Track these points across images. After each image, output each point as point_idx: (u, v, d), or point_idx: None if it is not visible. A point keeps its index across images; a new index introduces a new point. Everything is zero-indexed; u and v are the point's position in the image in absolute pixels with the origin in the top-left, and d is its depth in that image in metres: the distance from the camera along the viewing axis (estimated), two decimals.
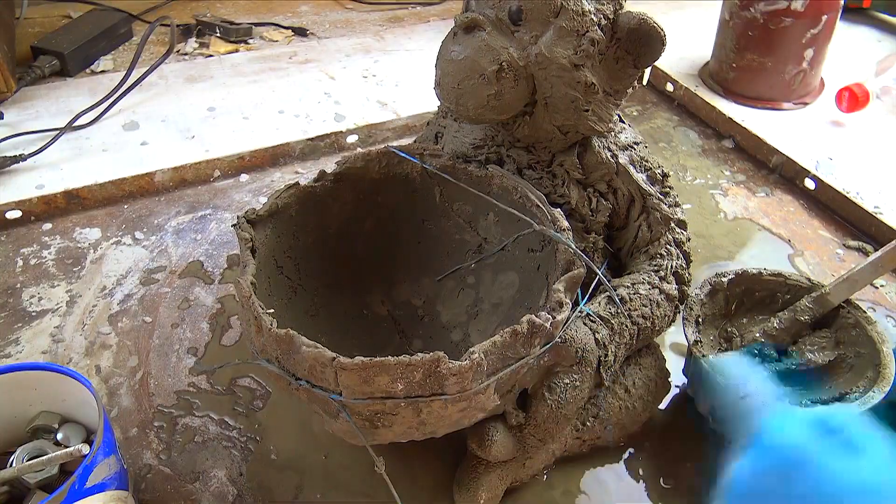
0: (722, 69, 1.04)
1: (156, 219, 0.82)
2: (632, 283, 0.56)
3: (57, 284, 0.73)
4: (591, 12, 0.51)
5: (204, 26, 1.18)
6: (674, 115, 1.05)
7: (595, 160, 0.58)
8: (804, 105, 1.02)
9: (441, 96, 0.55)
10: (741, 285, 0.63)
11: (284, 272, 0.57)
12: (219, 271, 0.76)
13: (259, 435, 0.60)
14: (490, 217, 0.60)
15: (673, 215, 0.59)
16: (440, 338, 0.60)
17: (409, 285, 0.63)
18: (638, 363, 0.59)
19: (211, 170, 0.89)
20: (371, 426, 0.45)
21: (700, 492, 0.57)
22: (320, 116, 0.98)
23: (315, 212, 0.59)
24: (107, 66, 1.09)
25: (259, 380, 0.64)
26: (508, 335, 0.45)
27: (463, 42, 0.53)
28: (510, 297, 0.58)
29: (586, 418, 0.56)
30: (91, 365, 0.65)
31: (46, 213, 0.82)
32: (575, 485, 0.57)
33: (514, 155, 0.59)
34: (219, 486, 0.56)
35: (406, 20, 1.27)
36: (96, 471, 0.45)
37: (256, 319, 0.46)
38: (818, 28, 0.95)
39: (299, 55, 1.14)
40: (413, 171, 0.61)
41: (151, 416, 0.61)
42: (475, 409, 0.46)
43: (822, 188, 0.87)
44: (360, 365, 0.42)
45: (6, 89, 0.96)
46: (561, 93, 0.53)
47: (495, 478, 0.54)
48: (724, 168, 0.94)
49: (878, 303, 0.74)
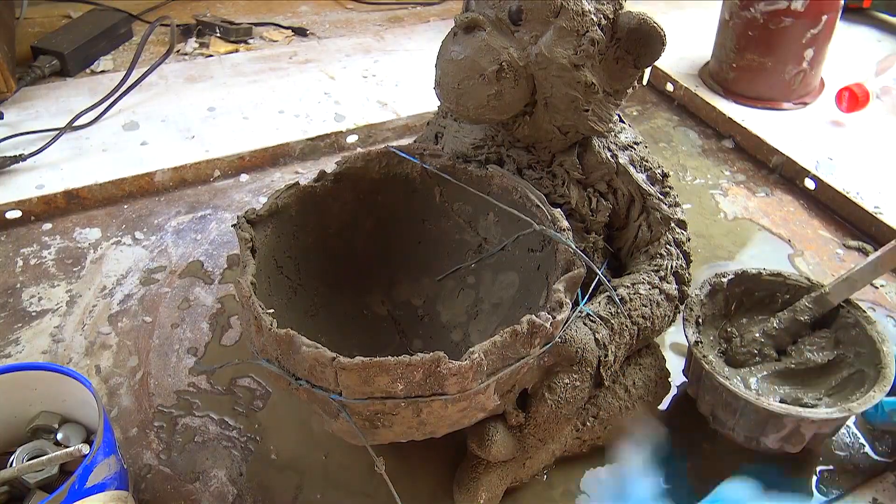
0: (722, 69, 1.04)
1: (156, 219, 0.82)
2: (632, 283, 0.56)
3: (57, 284, 0.73)
4: (591, 12, 0.51)
5: (204, 26, 1.18)
6: (674, 115, 1.05)
7: (595, 160, 0.58)
8: (804, 105, 1.02)
9: (441, 96, 0.55)
10: (741, 285, 0.63)
11: (284, 272, 0.57)
12: (219, 271, 0.76)
13: (259, 435, 0.60)
14: (490, 217, 0.60)
15: (673, 215, 0.59)
16: (440, 338, 0.60)
17: (409, 285, 0.63)
18: (638, 363, 0.59)
19: (211, 170, 0.89)
20: (371, 426, 0.45)
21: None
22: (320, 116, 0.98)
23: (315, 212, 0.59)
24: (107, 66, 1.09)
25: (259, 380, 0.64)
26: (508, 335, 0.45)
27: (463, 42, 0.53)
28: (510, 297, 0.58)
29: (586, 418, 0.56)
30: (91, 365, 0.65)
31: (46, 213, 0.82)
32: (575, 485, 0.57)
33: (514, 155, 0.59)
34: (219, 486, 0.56)
35: (406, 20, 1.27)
36: (96, 471, 0.45)
37: (256, 319, 0.46)
38: (818, 28, 0.95)
39: (299, 55, 1.14)
40: (413, 171, 0.61)
41: (151, 416, 0.61)
42: (475, 409, 0.46)
43: (822, 188, 0.87)
44: (360, 365, 0.42)
45: (6, 89, 0.96)
46: (561, 93, 0.53)
47: (495, 478, 0.54)
48: (724, 168, 0.94)
49: (878, 303, 0.74)
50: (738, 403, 0.55)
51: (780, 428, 0.55)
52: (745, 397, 0.54)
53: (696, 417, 0.61)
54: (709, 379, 0.57)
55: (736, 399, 0.55)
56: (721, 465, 0.59)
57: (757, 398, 0.54)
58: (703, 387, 0.58)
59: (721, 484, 0.57)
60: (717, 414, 0.58)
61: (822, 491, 0.57)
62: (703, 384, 0.58)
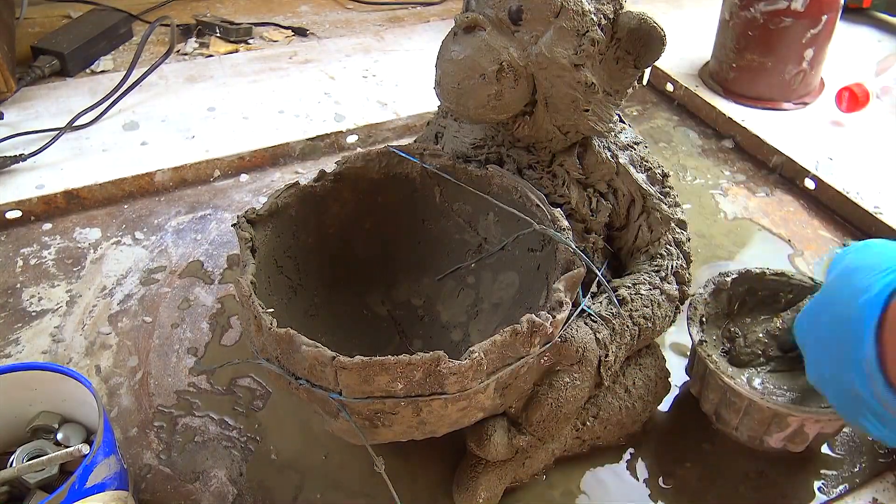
0: (722, 69, 1.04)
1: (156, 219, 0.82)
2: (632, 283, 0.56)
3: (57, 284, 0.73)
4: (592, 12, 0.51)
5: (204, 26, 1.18)
6: (674, 115, 1.05)
7: (595, 160, 0.58)
8: (804, 105, 1.02)
9: (441, 96, 0.55)
10: (744, 284, 0.63)
11: (284, 272, 0.57)
12: (219, 271, 0.76)
13: (259, 435, 0.60)
14: (490, 217, 0.60)
15: (673, 215, 0.59)
16: (440, 338, 0.60)
17: (409, 285, 0.63)
18: (638, 363, 0.59)
19: (211, 170, 0.89)
20: (371, 426, 0.45)
21: (701, 492, 0.57)
22: (320, 116, 0.98)
23: (315, 212, 0.59)
24: (107, 66, 1.08)
25: (259, 380, 0.64)
26: (508, 335, 0.45)
27: (463, 42, 0.53)
28: (510, 297, 0.58)
29: (586, 418, 0.56)
30: (91, 365, 0.65)
31: (46, 213, 0.82)
32: (575, 485, 0.57)
33: (514, 155, 0.59)
34: (219, 486, 0.56)
35: (406, 20, 1.27)
36: (96, 471, 0.45)
37: (256, 319, 0.46)
38: (818, 28, 0.95)
39: (299, 55, 1.14)
40: (413, 171, 0.61)
41: (151, 416, 0.61)
42: (475, 409, 0.46)
43: (822, 188, 0.87)
44: (359, 364, 0.42)
45: (6, 89, 0.96)
46: (561, 93, 0.53)
47: (494, 477, 0.54)
48: (724, 168, 0.94)
49: None
50: (742, 402, 0.55)
51: (784, 427, 0.55)
52: (749, 396, 0.54)
53: (697, 418, 0.61)
54: (713, 378, 0.57)
55: (740, 398, 0.55)
56: (722, 465, 0.59)
57: (762, 397, 0.54)
58: (706, 386, 0.58)
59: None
60: (720, 413, 0.58)
61: (823, 490, 0.57)
62: (707, 383, 0.58)
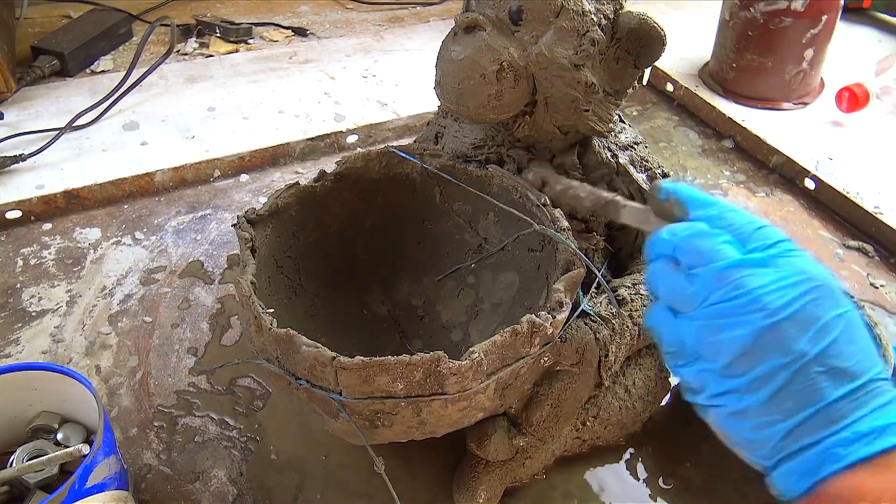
0: (722, 69, 1.04)
1: (156, 219, 0.82)
2: (632, 283, 0.56)
3: (57, 284, 0.73)
4: (592, 12, 0.51)
5: (204, 26, 1.18)
6: (674, 115, 1.05)
7: (595, 160, 0.58)
8: (804, 105, 1.02)
9: (441, 96, 0.55)
10: None
11: (284, 272, 0.57)
12: (219, 271, 0.76)
13: (259, 435, 0.60)
14: (490, 217, 0.60)
15: None
16: (440, 338, 0.60)
17: (409, 285, 0.63)
18: (638, 363, 0.59)
19: (211, 170, 0.89)
20: (371, 426, 0.45)
21: (701, 492, 0.57)
22: (320, 116, 0.98)
23: (315, 212, 0.59)
24: (107, 66, 1.09)
25: (259, 380, 0.64)
26: (508, 335, 0.45)
27: (463, 42, 0.53)
28: (510, 297, 0.58)
29: (586, 418, 0.56)
30: (91, 365, 0.65)
31: (46, 213, 0.82)
32: (575, 485, 0.57)
33: (514, 155, 0.59)
34: (219, 486, 0.56)
35: (406, 20, 1.27)
36: (96, 471, 0.45)
37: (256, 319, 0.46)
38: (818, 28, 0.95)
39: (299, 55, 1.14)
40: (413, 171, 0.61)
41: (151, 416, 0.61)
42: (475, 409, 0.46)
43: (822, 188, 0.87)
44: (360, 364, 0.42)
45: (6, 89, 0.96)
46: (561, 93, 0.53)
47: (495, 477, 0.54)
48: (724, 168, 0.94)
49: (877, 303, 0.74)
50: None
51: None
52: None
53: (697, 418, 0.61)
54: None
55: None
56: (722, 465, 0.59)
57: None
58: None
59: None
60: None
61: None
62: None
